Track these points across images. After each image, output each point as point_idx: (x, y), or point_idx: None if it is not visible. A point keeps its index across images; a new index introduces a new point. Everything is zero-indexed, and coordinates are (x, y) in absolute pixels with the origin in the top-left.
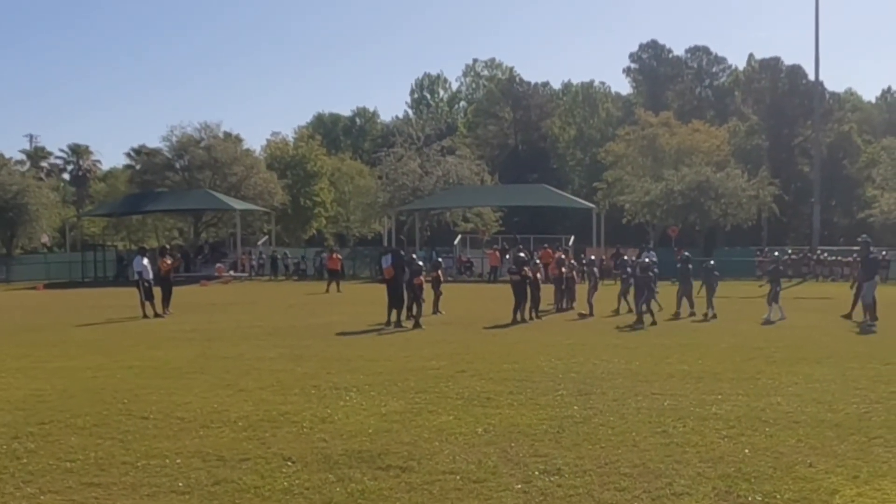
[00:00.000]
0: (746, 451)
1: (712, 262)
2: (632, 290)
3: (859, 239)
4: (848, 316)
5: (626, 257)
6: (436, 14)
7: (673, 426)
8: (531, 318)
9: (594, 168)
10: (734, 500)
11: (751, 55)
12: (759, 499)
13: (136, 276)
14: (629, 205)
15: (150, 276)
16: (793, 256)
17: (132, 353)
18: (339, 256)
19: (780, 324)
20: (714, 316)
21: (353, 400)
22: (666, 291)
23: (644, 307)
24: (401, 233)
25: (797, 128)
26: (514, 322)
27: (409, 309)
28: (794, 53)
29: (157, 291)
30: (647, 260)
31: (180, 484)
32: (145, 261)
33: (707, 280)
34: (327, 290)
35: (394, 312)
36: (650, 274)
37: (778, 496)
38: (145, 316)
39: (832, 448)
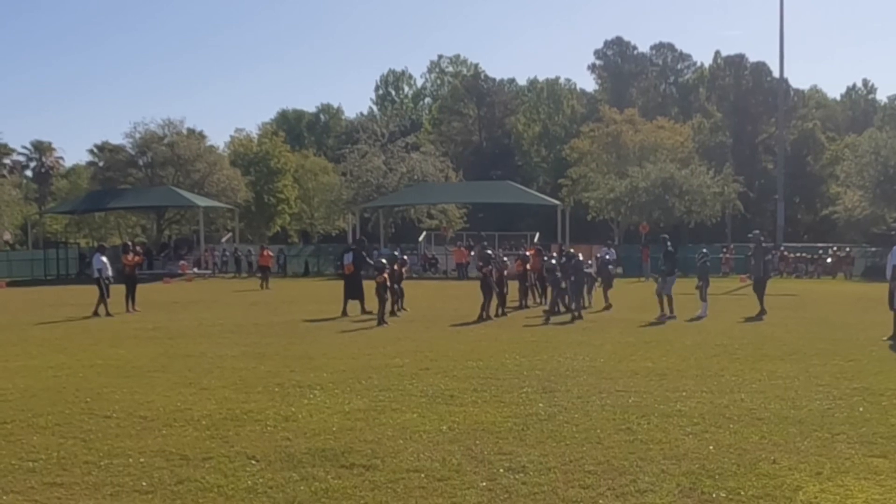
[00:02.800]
0: (710, 447)
1: (608, 256)
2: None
3: (664, 236)
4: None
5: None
6: (401, 10)
7: (637, 423)
8: (497, 316)
9: (559, 165)
10: (698, 496)
11: (717, 52)
12: (723, 495)
13: (96, 274)
14: (594, 201)
15: (110, 273)
16: None
17: (94, 351)
18: (271, 253)
19: (742, 321)
20: (609, 306)
21: (316, 398)
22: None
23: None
24: (365, 229)
25: (761, 125)
26: (481, 319)
27: (393, 305)
28: (761, 51)
29: (121, 289)
30: (552, 261)
31: (143, 483)
32: (105, 258)
33: (604, 276)
34: (262, 287)
35: (349, 304)
36: (557, 274)
37: (742, 493)
38: (108, 314)
39: (795, 445)
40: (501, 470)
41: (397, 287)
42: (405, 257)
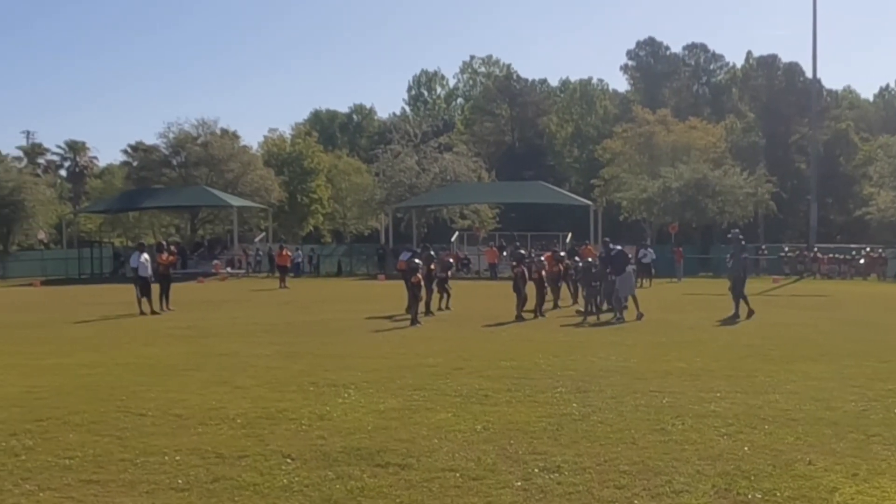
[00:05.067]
0: (745, 448)
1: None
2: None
3: (605, 239)
4: (736, 315)
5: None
6: (433, 10)
7: (671, 424)
8: (535, 316)
9: (591, 165)
10: (734, 497)
11: (749, 52)
12: (759, 496)
13: (133, 273)
14: (626, 202)
15: (148, 272)
16: (789, 254)
17: (128, 350)
18: (289, 253)
19: (774, 321)
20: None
21: (350, 397)
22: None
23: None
24: (398, 230)
25: (793, 125)
26: (518, 320)
27: (427, 304)
28: (794, 51)
29: (156, 288)
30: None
31: (179, 481)
32: (143, 257)
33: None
34: (281, 286)
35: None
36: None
37: (777, 494)
38: (142, 313)
39: (830, 446)
40: (536, 470)
41: (435, 287)
42: (451, 259)
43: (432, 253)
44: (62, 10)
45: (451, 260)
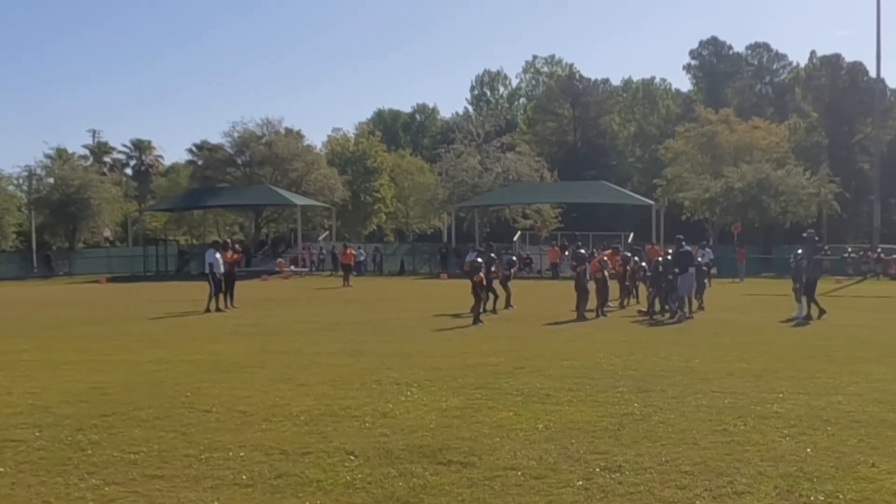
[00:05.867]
0: (808, 450)
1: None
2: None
3: (679, 237)
4: (808, 316)
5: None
6: (496, 10)
7: (733, 424)
8: (597, 316)
9: (653, 165)
10: (796, 499)
11: (812, 52)
12: (822, 498)
13: (208, 269)
14: (688, 202)
15: (222, 269)
16: (853, 255)
17: (192, 346)
18: (353, 251)
19: (838, 322)
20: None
21: (413, 395)
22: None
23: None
24: (460, 229)
25: (857, 125)
26: (580, 319)
27: (493, 303)
28: (857, 51)
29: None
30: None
31: (243, 477)
32: (218, 254)
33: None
34: (344, 284)
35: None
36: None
37: (840, 496)
38: (207, 310)
39: (894, 448)
40: (597, 469)
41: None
42: (514, 258)
43: (493, 254)
44: (128, 11)
45: (515, 258)
